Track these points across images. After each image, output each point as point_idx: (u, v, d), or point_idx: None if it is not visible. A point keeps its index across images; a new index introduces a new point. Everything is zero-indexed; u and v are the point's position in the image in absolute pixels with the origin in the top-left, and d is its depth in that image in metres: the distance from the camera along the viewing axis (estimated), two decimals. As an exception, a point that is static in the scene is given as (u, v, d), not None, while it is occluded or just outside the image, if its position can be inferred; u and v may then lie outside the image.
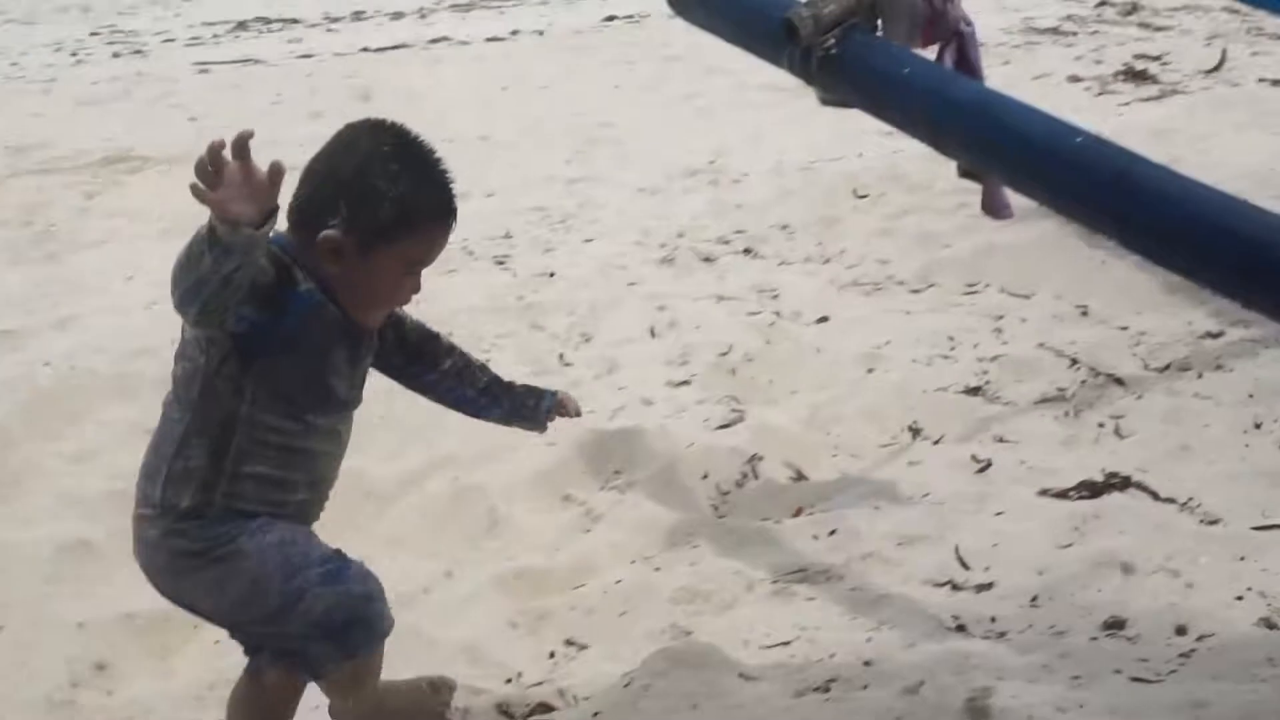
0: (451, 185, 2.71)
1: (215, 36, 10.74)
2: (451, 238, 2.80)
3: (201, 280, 2.37)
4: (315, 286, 2.63)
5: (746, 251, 5.94)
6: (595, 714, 3.11)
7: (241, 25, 10.92)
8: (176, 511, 2.66)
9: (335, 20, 11.19)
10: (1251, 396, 4.43)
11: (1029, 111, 3.17)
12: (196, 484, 2.65)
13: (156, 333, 5.06)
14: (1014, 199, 4.40)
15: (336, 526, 3.11)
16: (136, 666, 3.66)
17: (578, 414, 3.31)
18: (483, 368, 3.20)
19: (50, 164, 7.61)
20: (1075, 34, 9.70)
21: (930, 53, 3.73)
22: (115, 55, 10.22)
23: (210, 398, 2.65)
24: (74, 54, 10.17)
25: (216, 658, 3.58)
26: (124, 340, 5.24)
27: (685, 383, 4.80)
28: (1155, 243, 2.93)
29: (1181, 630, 3.28)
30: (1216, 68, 8.66)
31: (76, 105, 8.78)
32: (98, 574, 3.98)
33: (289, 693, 2.89)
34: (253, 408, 2.65)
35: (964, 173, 4.26)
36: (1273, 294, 2.75)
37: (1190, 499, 3.90)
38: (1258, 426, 4.27)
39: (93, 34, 10.82)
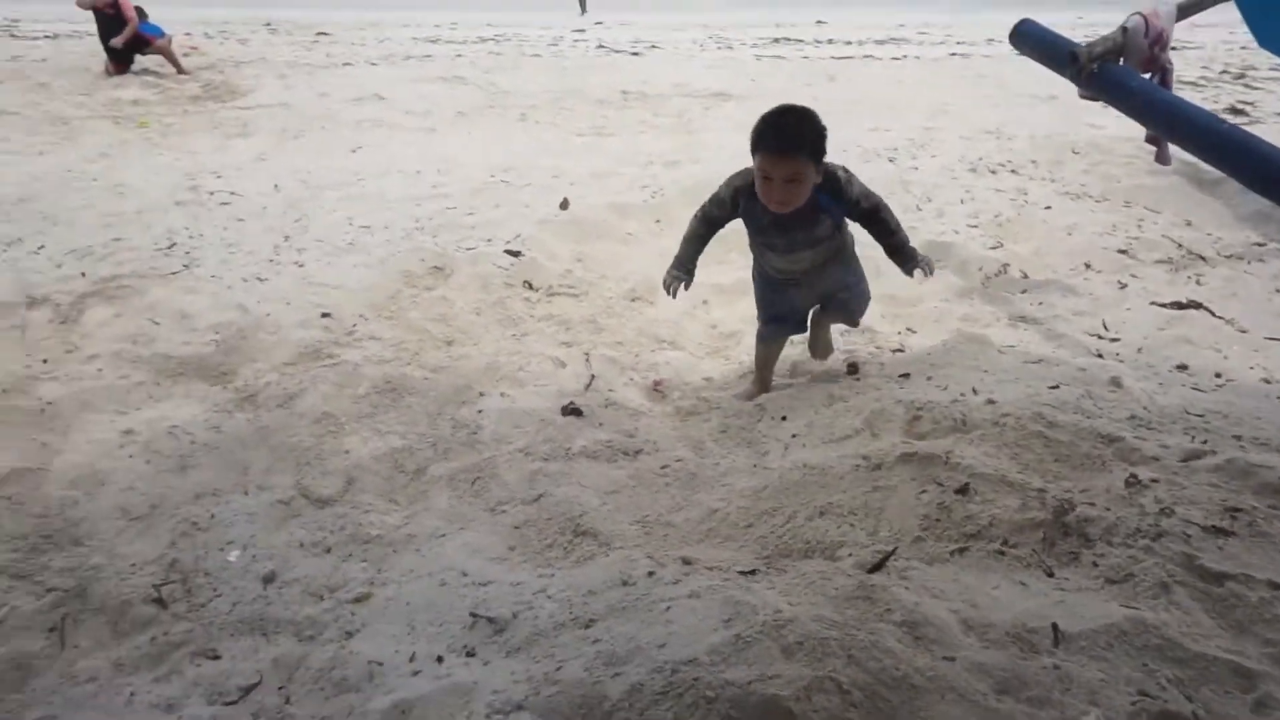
0: (781, 135, 2.32)
1: (762, 44, 10.25)
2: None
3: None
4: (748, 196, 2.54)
5: (1013, 171, 5.55)
6: (929, 353, 3.10)
7: (774, 40, 10.44)
8: None
9: (819, 42, 10.58)
10: (1275, 277, 4.07)
11: (1197, 108, 3.00)
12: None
13: (732, 171, 5.26)
14: (1174, 159, 4.10)
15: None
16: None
17: (930, 273, 2.76)
18: (887, 237, 2.67)
19: (690, 93, 7.61)
20: (1204, 86, 8.44)
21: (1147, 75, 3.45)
22: (718, 48, 9.72)
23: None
24: (701, 45, 9.79)
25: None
26: (719, 170, 5.24)
27: (975, 226, 4.61)
28: (1259, 179, 2.71)
29: (1218, 375, 3.13)
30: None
31: (701, 69, 8.71)
32: (709, 265, 4.16)
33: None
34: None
35: (1149, 139, 3.98)
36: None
37: (1233, 319, 3.65)
38: (1277, 291, 3.93)
39: (709, 37, 10.52)
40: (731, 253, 4.31)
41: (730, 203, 2.58)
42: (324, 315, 3.48)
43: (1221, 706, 1.28)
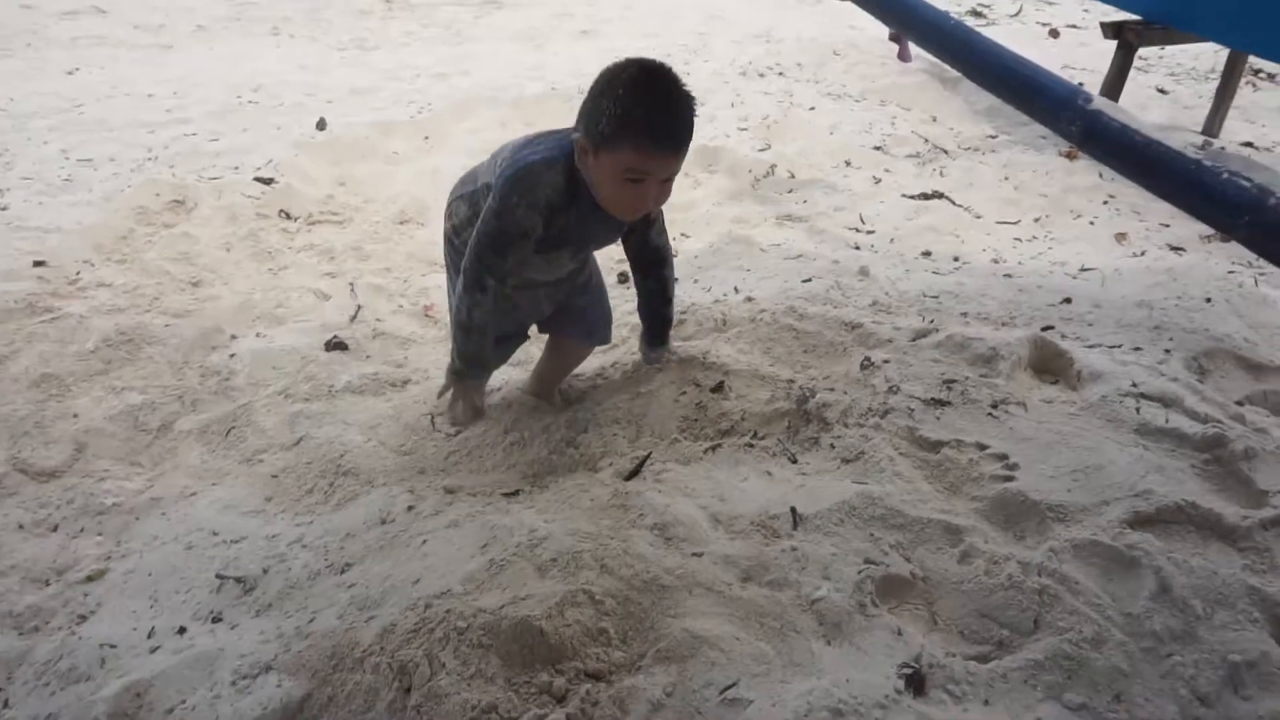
0: (672, 120, 1.59)
1: None
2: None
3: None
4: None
5: (780, 74, 5.67)
6: (696, 256, 3.15)
7: None
8: None
9: None
10: (1005, 166, 4.38)
11: (926, 5, 3.10)
12: None
13: (506, 83, 5.06)
14: (914, 57, 4.26)
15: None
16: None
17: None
18: (659, 305, 2.03)
19: (460, 0, 7.27)
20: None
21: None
22: None
23: None
24: None
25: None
26: (491, 81, 5.18)
27: (745, 129, 4.68)
28: (977, 71, 2.86)
29: (956, 258, 3.34)
30: (1017, 13, 7.94)
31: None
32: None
33: None
34: None
35: (892, 37, 4.12)
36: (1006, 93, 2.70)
37: (970, 206, 3.90)
38: (1005, 179, 4.23)
39: None
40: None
41: (545, 227, 1.72)
42: (37, 264, 3.05)
43: (934, 562, 1.38)
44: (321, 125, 4.32)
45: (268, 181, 3.75)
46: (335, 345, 2.75)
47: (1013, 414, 1.67)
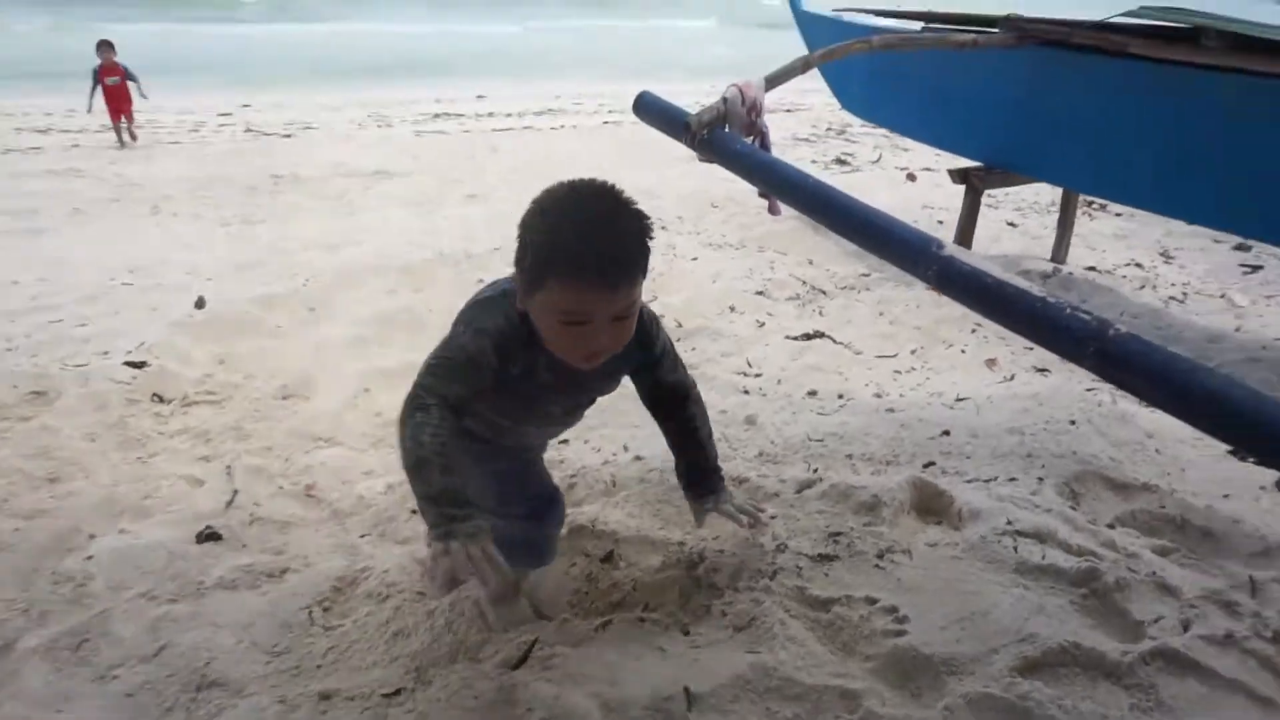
0: (606, 249, 1.34)
1: (423, 120, 10.25)
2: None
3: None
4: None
5: (663, 228, 5.90)
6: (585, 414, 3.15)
7: (435, 116, 10.48)
8: None
9: (480, 115, 10.75)
10: (880, 302, 4.62)
11: (789, 167, 3.27)
12: None
13: (398, 251, 5.11)
14: (783, 209, 4.50)
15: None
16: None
17: (749, 524, 1.77)
18: (690, 447, 1.85)
19: (349, 172, 7.41)
20: (814, 141, 9.66)
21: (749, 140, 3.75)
22: (378, 126, 9.69)
23: None
24: (360, 124, 9.67)
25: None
26: (383, 250, 5.20)
27: (631, 283, 4.78)
28: (839, 226, 2.99)
29: (840, 396, 3.42)
30: (877, 161, 8.65)
31: (360, 148, 8.48)
32: (370, 349, 3.94)
33: None
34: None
35: (761, 194, 4.35)
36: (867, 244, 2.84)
37: (850, 343, 4.06)
38: (881, 314, 4.44)
39: (369, 115, 10.20)
40: (398, 332, 4.14)
41: (498, 358, 1.45)
42: None
43: (834, 734, 1.32)
44: (200, 304, 4.24)
45: (139, 365, 3.60)
46: (208, 536, 2.57)
47: (899, 563, 1.67)
